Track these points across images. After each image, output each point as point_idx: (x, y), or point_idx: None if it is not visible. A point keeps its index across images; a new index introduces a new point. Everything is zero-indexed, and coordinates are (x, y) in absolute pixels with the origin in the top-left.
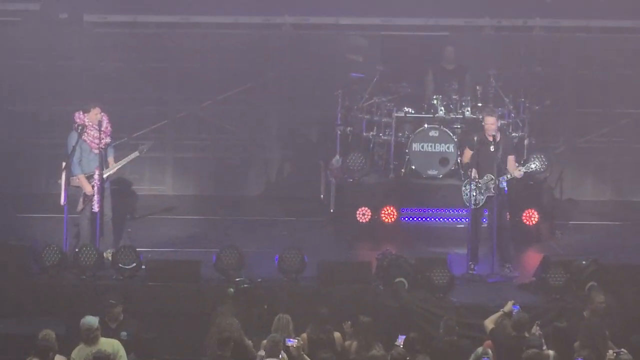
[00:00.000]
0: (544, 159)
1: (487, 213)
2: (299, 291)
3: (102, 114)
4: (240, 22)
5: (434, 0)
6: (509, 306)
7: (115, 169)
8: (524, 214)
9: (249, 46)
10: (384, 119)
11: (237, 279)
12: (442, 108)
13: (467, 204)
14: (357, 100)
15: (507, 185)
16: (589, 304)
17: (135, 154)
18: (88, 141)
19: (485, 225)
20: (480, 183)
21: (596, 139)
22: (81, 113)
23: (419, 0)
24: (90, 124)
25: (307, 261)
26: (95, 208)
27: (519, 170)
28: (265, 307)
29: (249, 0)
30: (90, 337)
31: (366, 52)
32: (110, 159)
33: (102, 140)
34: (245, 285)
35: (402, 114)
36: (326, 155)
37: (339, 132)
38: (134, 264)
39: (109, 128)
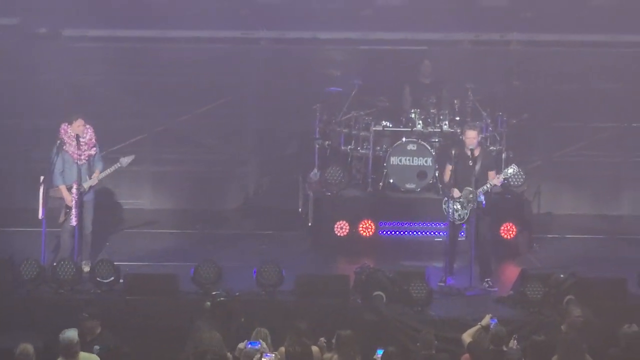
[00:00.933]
0: (521, 172)
1: (465, 227)
2: (277, 305)
3: (87, 126)
4: (219, 37)
5: (412, 15)
6: (486, 320)
7: (96, 180)
8: (502, 228)
9: (228, 60)
10: (362, 133)
11: (214, 292)
12: (420, 122)
13: (452, 220)
14: (335, 114)
15: (484, 199)
16: (566, 317)
17: (117, 165)
18: (70, 152)
19: (463, 238)
20: (461, 198)
21: (573, 153)
22: (66, 125)
23: (396, 15)
24: (73, 135)
25: (285, 275)
26: (73, 222)
27: (498, 178)
28: (243, 320)
29: (227, 15)
30: (70, 352)
31: (344, 66)
32: (97, 171)
33: (83, 152)
34: (222, 299)
35: (380, 128)
36: (304, 168)
37: (317, 146)
38: (112, 278)
39: (92, 140)
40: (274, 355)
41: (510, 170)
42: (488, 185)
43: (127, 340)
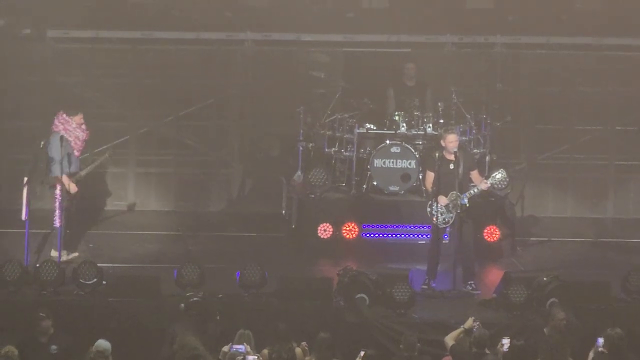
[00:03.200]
0: (505, 174)
1: (449, 229)
2: (260, 307)
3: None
4: (202, 38)
5: (396, 17)
6: (469, 323)
7: (86, 172)
8: (486, 231)
9: (211, 62)
10: (346, 135)
11: (187, 294)
12: (404, 124)
13: (437, 224)
14: (318, 117)
15: (468, 202)
16: (550, 320)
17: (105, 156)
18: (72, 143)
19: (447, 241)
20: (449, 203)
21: (557, 156)
22: (64, 114)
23: (380, 17)
24: (75, 126)
25: (268, 277)
26: (57, 223)
27: (485, 182)
28: (218, 317)
29: (211, 17)
30: None
31: (328, 69)
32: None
33: (83, 142)
34: (195, 299)
35: (364, 130)
36: (288, 171)
37: (300, 148)
38: (95, 280)
39: (87, 135)
40: (257, 356)
41: (498, 175)
42: (475, 190)
43: (110, 342)
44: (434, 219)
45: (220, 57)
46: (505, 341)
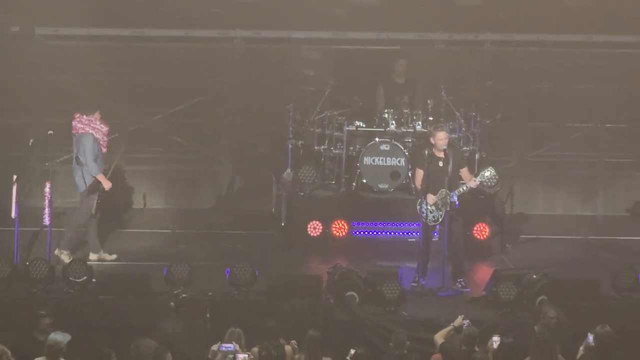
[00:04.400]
0: (494, 173)
1: (438, 227)
2: (250, 305)
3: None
4: (192, 36)
5: (386, 15)
6: (459, 321)
7: (113, 165)
8: (475, 228)
9: (201, 60)
10: (335, 133)
11: (175, 292)
12: (394, 122)
13: (426, 222)
14: (308, 114)
15: (457, 200)
16: (540, 318)
17: (122, 147)
18: (100, 140)
19: (437, 239)
20: (437, 200)
21: (547, 153)
22: (83, 116)
23: (370, 15)
24: (100, 123)
25: (258, 275)
26: (46, 221)
27: (474, 180)
28: (208, 315)
29: (201, 14)
30: (53, 355)
31: (318, 66)
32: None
33: (105, 140)
34: (184, 295)
35: (354, 128)
36: (277, 168)
37: (290, 146)
38: (85, 277)
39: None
40: (247, 355)
41: (487, 173)
42: (465, 187)
43: (99, 340)
44: (424, 217)
45: (210, 55)
46: (496, 339)
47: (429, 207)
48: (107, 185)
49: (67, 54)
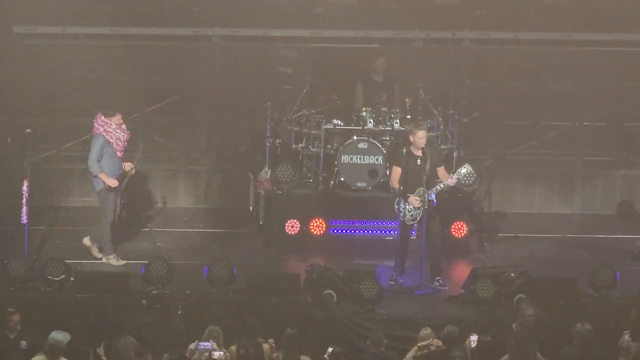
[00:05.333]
0: (472, 171)
1: (416, 225)
2: (228, 303)
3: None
4: (170, 34)
5: (363, 13)
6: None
7: (134, 170)
8: (453, 227)
9: (179, 58)
10: (313, 131)
11: (147, 289)
12: (371, 120)
13: (404, 220)
14: (286, 112)
15: (435, 198)
16: (518, 316)
17: (141, 145)
18: (114, 144)
19: (415, 237)
20: (419, 200)
21: (525, 151)
22: (102, 116)
23: (348, 13)
24: (115, 127)
25: (236, 273)
26: (24, 220)
27: (452, 178)
28: (179, 312)
29: (178, 12)
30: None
31: (296, 64)
32: (128, 164)
33: (124, 143)
34: (155, 292)
35: (331, 126)
36: (255, 167)
37: (268, 144)
38: (63, 276)
39: (128, 135)
40: (223, 352)
41: (463, 170)
42: (442, 185)
43: (77, 338)
44: (402, 215)
45: (188, 53)
46: (473, 338)
47: (407, 206)
48: (111, 183)
49: (45, 53)
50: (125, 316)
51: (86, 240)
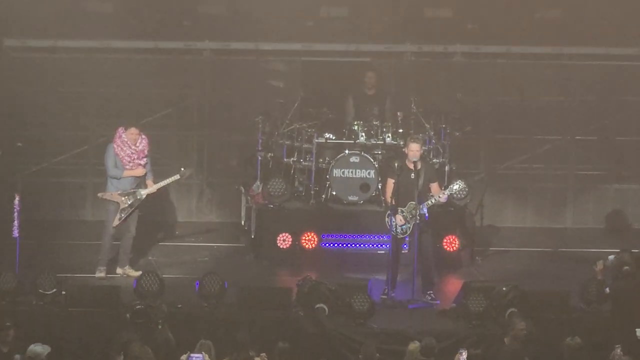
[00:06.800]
0: (464, 185)
1: (408, 239)
2: (220, 317)
3: (142, 136)
4: (161, 47)
5: (355, 26)
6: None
7: (155, 189)
8: (445, 241)
9: (170, 71)
10: (305, 145)
11: (132, 303)
12: (363, 134)
13: (395, 234)
14: (277, 126)
15: (427, 212)
16: (510, 330)
17: (176, 176)
18: (121, 157)
19: (406, 251)
20: (404, 212)
21: (516, 165)
22: (122, 129)
23: (339, 26)
24: (126, 140)
25: (228, 287)
26: (15, 233)
27: (443, 194)
28: (160, 326)
29: (169, 26)
30: None
31: (287, 78)
32: (149, 181)
33: (134, 160)
34: (139, 307)
35: (323, 140)
36: (247, 180)
37: (259, 158)
38: (55, 290)
39: (145, 151)
40: None
41: (456, 187)
42: (433, 200)
43: (69, 352)
44: (393, 229)
45: (179, 66)
46: (464, 356)
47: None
48: (114, 199)
49: (36, 66)
50: (118, 330)
51: (118, 270)
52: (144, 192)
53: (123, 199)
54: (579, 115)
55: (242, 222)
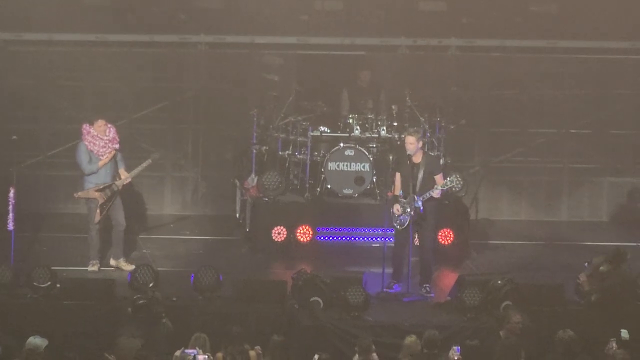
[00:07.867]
0: (459, 178)
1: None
2: (215, 310)
3: (109, 125)
4: (156, 41)
5: (349, 20)
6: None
7: (129, 178)
8: (440, 234)
9: (165, 65)
10: (300, 138)
11: (134, 297)
12: (358, 127)
13: (395, 226)
14: (272, 119)
15: (422, 205)
16: (505, 323)
17: (148, 161)
18: (95, 151)
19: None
20: (405, 204)
21: (511, 159)
22: (87, 125)
23: (334, 20)
24: (96, 134)
25: (223, 280)
26: (10, 226)
27: (436, 189)
28: (164, 321)
29: (164, 19)
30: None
31: (282, 71)
32: (122, 170)
33: (109, 149)
34: (141, 302)
35: (318, 133)
36: (242, 174)
37: (254, 151)
38: (49, 283)
39: (116, 138)
40: (207, 356)
41: (449, 183)
42: (428, 194)
43: (64, 344)
44: (393, 220)
45: (174, 60)
46: (457, 353)
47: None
48: (90, 195)
49: (31, 59)
50: (113, 323)
51: (112, 262)
52: (118, 183)
53: (100, 194)
54: (573, 108)
55: (237, 215)
